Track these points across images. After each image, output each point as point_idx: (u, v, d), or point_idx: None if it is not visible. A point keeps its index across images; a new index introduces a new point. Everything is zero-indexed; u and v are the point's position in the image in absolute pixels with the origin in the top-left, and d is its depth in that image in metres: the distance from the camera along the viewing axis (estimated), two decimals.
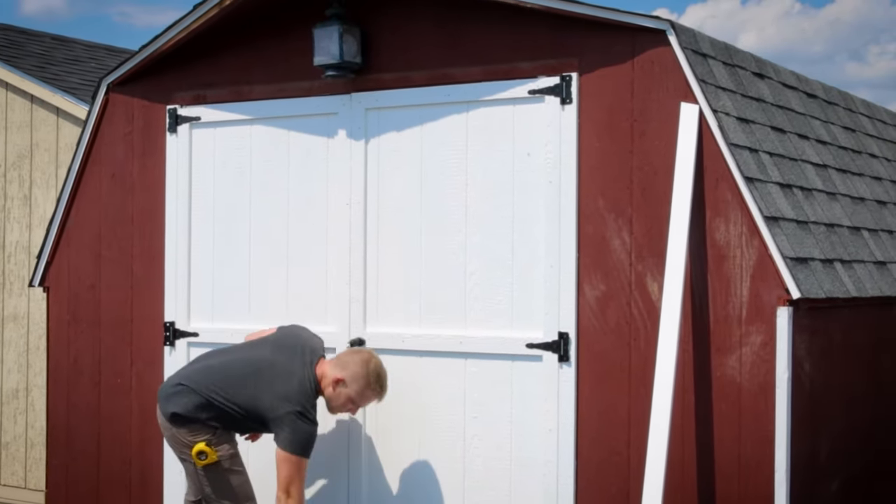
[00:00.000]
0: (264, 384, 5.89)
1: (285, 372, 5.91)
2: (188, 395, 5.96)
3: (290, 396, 5.83)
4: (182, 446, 6.00)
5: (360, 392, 5.98)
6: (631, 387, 5.78)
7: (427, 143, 6.32)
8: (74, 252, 7.44)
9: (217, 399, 5.93)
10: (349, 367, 5.97)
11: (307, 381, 5.90)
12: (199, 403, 5.94)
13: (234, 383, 5.94)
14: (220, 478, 6.01)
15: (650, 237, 5.74)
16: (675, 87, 5.68)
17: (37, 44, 10.30)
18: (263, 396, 5.87)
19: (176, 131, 7.03)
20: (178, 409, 5.94)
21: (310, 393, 5.90)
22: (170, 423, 5.98)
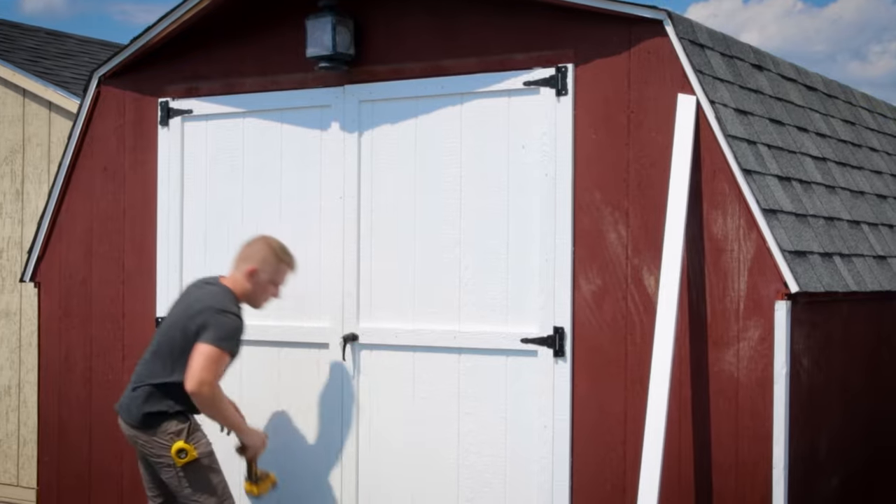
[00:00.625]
0: (186, 330, 5.79)
1: (196, 302, 5.84)
2: (143, 392, 5.84)
3: (205, 307, 5.77)
4: (160, 450, 5.84)
5: (275, 269, 6.01)
6: (627, 382, 5.70)
7: (421, 136, 6.24)
8: (66, 247, 7.36)
9: (165, 381, 5.80)
10: (253, 255, 5.97)
11: (221, 293, 5.87)
12: (156, 393, 5.81)
13: (165, 356, 5.83)
14: (200, 476, 5.88)
15: (646, 230, 5.66)
16: (672, 77, 5.60)
17: (30, 38, 10.22)
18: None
19: (168, 124, 6.95)
20: (144, 409, 5.82)
21: (228, 298, 5.86)
22: (141, 429, 5.84)
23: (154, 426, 5.83)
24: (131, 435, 5.92)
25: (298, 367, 6.56)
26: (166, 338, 5.90)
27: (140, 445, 5.92)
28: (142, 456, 6.02)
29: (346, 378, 6.40)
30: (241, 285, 5.97)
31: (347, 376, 6.39)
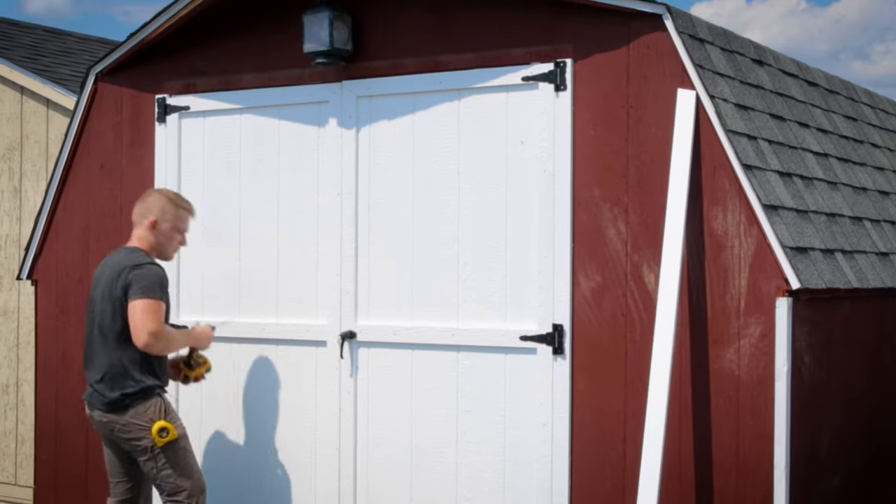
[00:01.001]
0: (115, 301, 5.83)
1: (111, 272, 5.86)
2: (112, 375, 5.85)
3: (121, 269, 5.81)
4: (138, 431, 5.82)
5: (175, 216, 6.04)
6: (627, 380, 5.64)
7: (419, 132, 6.19)
8: (63, 244, 7.31)
9: (127, 359, 5.82)
10: (151, 207, 5.98)
11: (130, 252, 5.92)
12: (124, 374, 5.82)
13: (115, 335, 5.83)
14: (179, 457, 5.90)
15: (646, 227, 5.60)
16: (672, 72, 5.55)
17: (28, 36, 10.17)
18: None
19: (165, 121, 6.90)
20: (118, 391, 5.82)
21: (138, 254, 5.91)
22: (119, 412, 5.83)
23: (131, 406, 5.83)
24: (106, 421, 5.90)
25: (296, 365, 6.51)
26: (105, 318, 5.87)
27: (117, 430, 5.89)
28: (111, 442, 6.04)
29: (343, 376, 6.35)
30: (147, 240, 6.00)
31: (345, 374, 6.34)
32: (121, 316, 5.81)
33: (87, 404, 6.02)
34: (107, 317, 5.86)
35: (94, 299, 5.99)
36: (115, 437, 5.95)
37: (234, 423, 6.71)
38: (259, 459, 6.61)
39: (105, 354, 5.88)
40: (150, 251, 5.99)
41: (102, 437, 6.11)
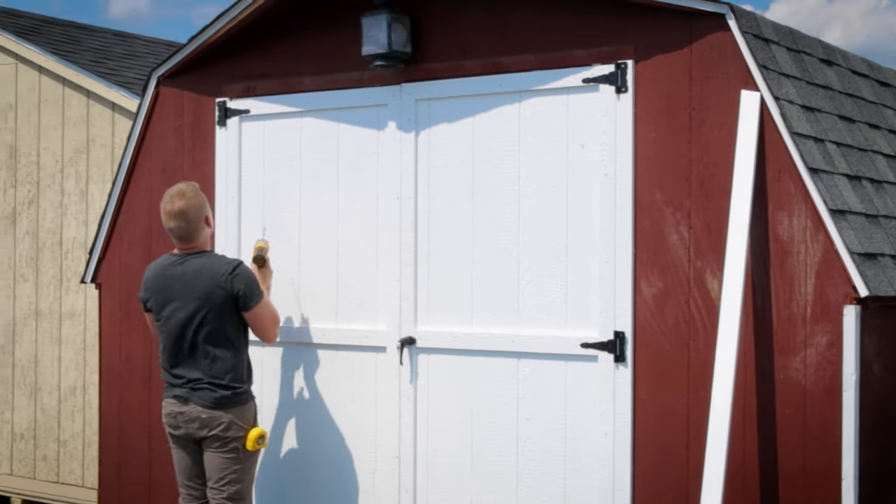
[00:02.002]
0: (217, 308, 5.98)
1: (199, 280, 5.98)
2: (215, 376, 5.93)
3: (219, 275, 5.95)
4: (237, 431, 5.97)
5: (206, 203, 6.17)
6: (689, 389, 5.51)
7: (479, 135, 6.10)
8: (126, 248, 7.33)
9: (233, 361, 5.97)
10: (199, 205, 6.06)
11: (213, 256, 6.09)
12: (227, 371, 5.95)
13: (219, 337, 5.97)
14: (253, 467, 6.12)
15: (709, 232, 5.47)
16: (735, 73, 5.40)
17: (96, 39, 10.23)
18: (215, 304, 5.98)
19: (225, 125, 6.88)
20: (226, 390, 5.94)
21: (218, 256, 6.12)
22: (225, 408, 5.93)
23: (239, 405, 5.98)
24: (206, 417, 5.94)
25: (356, 371, 6.46)
26: (208, 321, 5.94)
27: (214, 426, 5.95)
28: (189, 443, 6.08)
29: (403, 382, 6.28)
30: (208, 235, 6.18)
31: (405, 380, 6.27)
32: (229, 319, 5.97)
33: (180, 400, 6.02)
34: (210, 320, 5.94)
35: (171, 304, 6.02)
36: (202, 434, 5.98)
37: (293, 430, 6.67)
38: (319, 467, 6.57)
39: (209, 354, 5.96)
40: (211, 241, 6.24)
41: (177, 439, 6.11)
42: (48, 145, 8.79)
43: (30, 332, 8.89)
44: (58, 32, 9.84)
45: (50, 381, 8.78)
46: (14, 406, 8.98)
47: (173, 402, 6.07)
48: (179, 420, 6.05)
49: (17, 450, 8.97)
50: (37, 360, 8.85)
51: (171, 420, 6.11)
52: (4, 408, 9.03)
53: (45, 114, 8.82)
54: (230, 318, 5.99)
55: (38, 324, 8.85)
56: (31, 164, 8.88)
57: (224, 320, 5.97)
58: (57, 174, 8.75)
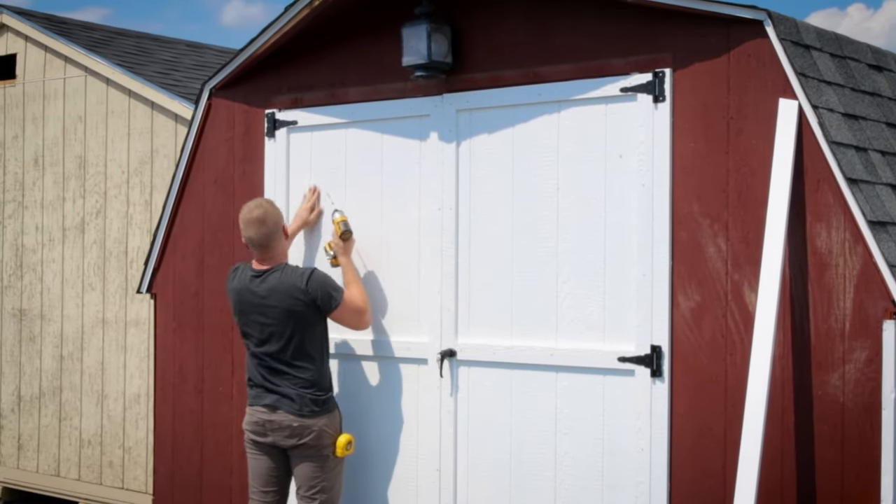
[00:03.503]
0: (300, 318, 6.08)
1: (279, 293, 6.07)
2: (305, 385, 6.01)
3: (297, 285, 6.05)
4: (327, 438, 6.07)
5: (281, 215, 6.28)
6: (727, 405, 5.37)
7: (518, 145, 6.03)
8: (179, 259, 7.39)
9: (319, 369, 6.08)
10: (276, 218, 6.16)
11: (287, 269, 6.14)
12: (318, 382, 6.05)
13: (301, 347, 6.06)
14: (341, 472, 6.21)
15: (747, 244, 5.33)
16: (774, 81, 5.26)
17: (168, 50, 10.35)
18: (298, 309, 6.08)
19: (274, 136, 6.90)
20: (317, 396, 6.02)
21: (291, 268, 6.18)
22: (316, 416, 6.01)
23: (329, 412, 6.08)
24: (296, 426, 6.01)
25: (398, 383, 6.42)
26: (296, 334, 6.04)
27: (304, 435, 6.01)
28: (270, 451, 6.13)
29: (444, 395, 6.23)
30: (285, 246, 6.29)
31: (446, 393, 6.22)
32: (312, 330, 6.08)
33: (269, 409, 6.07)
34: (294, 334, 6.04)
35: (254, 319, 6.11)
36: (292, 443, 6.04)
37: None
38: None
39: (295, 366, 6.04)
40: (286, 251, 6.34)
41: (261, 446, 6.15)
42: (115, 156, 8.91)
43: (97, 340, 9.02)
44: (130, 44, 9.98)
45: (115, 389, 8.90)
46: (82, 413, 9.11)
47: (263, 410, 6.10)
48: (268, 428, 6.09)
49: (85, 456, 9.10)
50: (103, 367, 8.97)
51: (257, 428, 6.14)
52: (73, 414, 9.17)
53: (112, 125, 8.94)
54: (313, 328, 6.09)
55: (105, 332, 8.97)
56: (98, 175, 9.01)
57: (307, 332, 6.06)
58: (123, 185, 8.86)
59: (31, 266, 9.44)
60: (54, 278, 9.28)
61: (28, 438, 9.48)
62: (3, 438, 9.66)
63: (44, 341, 9.36)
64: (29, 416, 9.47)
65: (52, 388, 9.30)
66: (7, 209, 9.60)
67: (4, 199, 9.62)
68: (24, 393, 9.51)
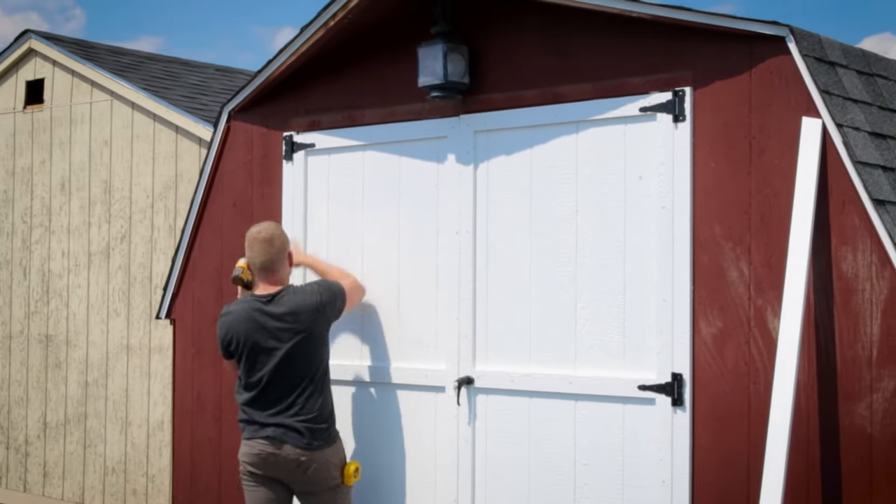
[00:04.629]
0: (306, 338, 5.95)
1: (288, 316, 5.93)
2: (310, 413, 5.87)
3: (313, 301, 5.95)
4: (333, 469, 5.94)
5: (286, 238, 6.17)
6: (750, 435, 5.17)
7: (536, 167, 5.87)
8: (198, 284, 7.28)
9: (322, 399, 5.95)
10: (283, 242, 6.04)
11: (297, 290, 6.04)
12: (323, 413, 5.92)
13: (304, 373, 5.92)
14: (350, 497, 6.08)
15: (770, 268, 5.13)
16: (797, 99, 5.07)
17: (197, 75, 10.30)
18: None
19: (292, 159, 6.78)
20: (321, 428, 5.89)
21: (299, 287, 6.09)
22: (321, 449, 5.88)
23: (333, 443, 5.95)
24: (304, 460, 5.86)
25: (415, 412, 6.27)
26: (300, 359, 5.89)
27: (311, 469, 5.87)
28: (274, 483, 5.96)
29: (461, 423, 6.06)
30: (288, 272, 6.14)
31: (463, 422, 6.05)
32: (321, 351, 5.97)
33: (273, 442, 5.89)
34: (304, 355, 5.91)
35: (262, 345, 5.93)
36: (299, 477, 5.89)
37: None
38: None
39: (301, 393, 5.89)
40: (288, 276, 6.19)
41: (260, 479, 5.97)
42: (140, 181, 8.85)
43: (121, 367, 8.94)
44: (158, 69, 9.92)
45: (139, 416, 8.80)
46: (107, 440, 9.02)
47: (265, 443, 5.91)
48: (270, 461, 5.91)
49: (109, 483, 9.00)
50: (128, 394, 8.88)
51: (257, 461, 5.95)
52: (98, 441, 9.08)
53: (137, 149, 8.88)
54: (322, 350, 5.99)
55: (129, 358, 8.89)
56: (123, 200, 8.94)
57: (316, 353, 5.95)
58: (147, 209, 8.79)
59: (58, 291, 9.38)
60: (80, 304, 9.21)
61: (53, 465, 9.40)
62: (29, 465, 9.59)
63: (69, 367, 9.29)
64: (54, 443, 9.39)
65: (78, 415, 9.22)
66: (34, 234, 9.56)
67: (32, 225, 9.58)
68: (49, 419, 9.43)
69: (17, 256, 9.69)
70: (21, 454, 9.65)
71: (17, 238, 9.70)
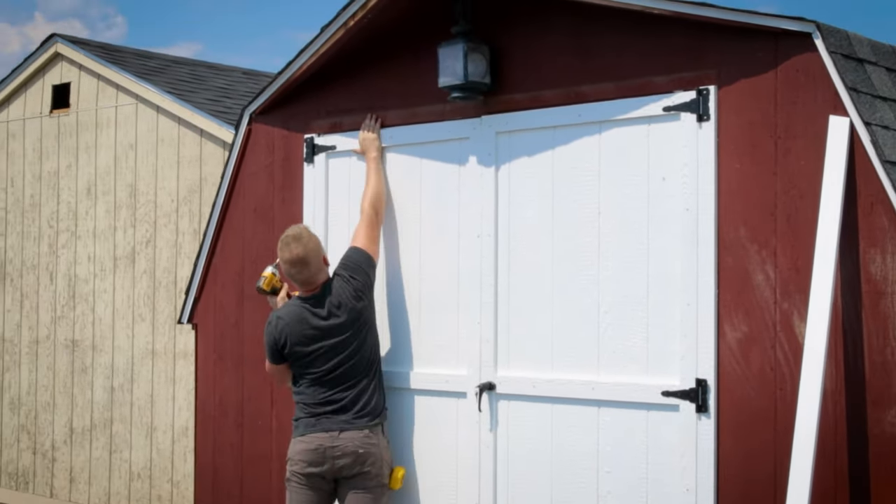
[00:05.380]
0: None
1: (346, 301, 6.00)
2: (367, 406, 5.91)
3: (352, 288, 6.00)
4: (385, 468, 5.96)
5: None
6: (777, 442, 5.03)
7: (559, 169, 5.75)
8: (220, 288, 7.21)
9: (374, 388, 5.99)
10: (317, 247, 6.04)
11: (334, 283, 6.05)
12: (378, 405, 5.98)
13: (360, 360, 5.98)
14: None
15: (797, 271, 4.99)
16: (824, 97, 4.93)
17: (224, 78, 10.25)
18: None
19: (313, 161, 6.70)
20: (378, 421, 5.95)
21: (335, 280, 6.07)
22: (375, 443, 5.89)
23: (387, 439, 6.02)
24: (362, 452, 5.87)
25: (437, 418, 6.16)
26: (358, 349, 5.96)
27: (369, 464, 5.87)
28: (326, 487, 5.95)
29: (483, 430, 5.95)
30: (326, 273, 6.10)
31: (485, 428, 5.94)
32: (373, 338, 6.05)
33: (332, 435, 5.89)
34: (361, 344, 5.99)
35: (319, 343, 5.97)
36: (352, 472, 5.88)
37: None
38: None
39: (358, 386, 5.94)
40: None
41: (311, 478, 5.93)
42: (164, 184, 8.79)
43: (146, 372, 8.88)
44: (184, 72, 9.88)
45: (164, 421, 8.74)
46: (132, 445, 8.97)
47: (324, 436, 5.91)
48: (327, 455, 5.89)
49: (135, 489, 8.95)
50: (153, 399, 8.83)
51: (313, 456, 5.92)
52: (123, 447, 9.03)
53: (162, 153, 8.83)
54: (373, 335, 6.05)
55: (154, 363, 8.83)
56: (148, 204, 8.89)
57: (368, 340, 6.01)
58: (172, 213, 8.73)
59: (84, 296, 9.34)
60: (105, 308, 9.17)
61: (80, 471, 9.36)
62: (56, 471, 9.56)
63: (95, 372, 9.25)
64: (80, 449, 9.35)
65: (104, 420, 9.17)
66: (61, 239, 9.53)
67: (58, 229, 9.55)
68: (76, 425, 9.40)
69: (44, 261, 9.66)
70: (48, 459, 9.62)
71: (43, 242, 9.67)
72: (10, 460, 9.96)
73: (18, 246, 9.88)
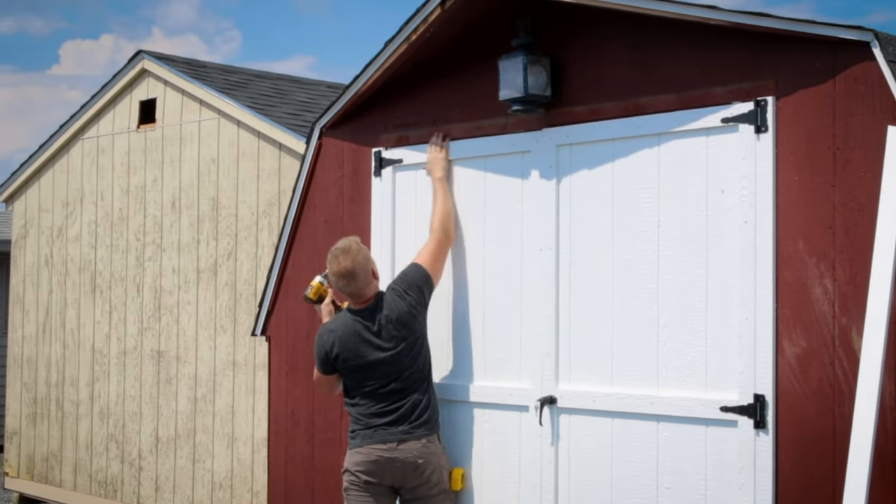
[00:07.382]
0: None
1: (389, 324, 6.02)
2: (423, 418, 5.97)
3: (404, 303, 6.03)
4: (444, 472, 6.07)
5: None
6: (835, 460, 4.93)
7: (618, 181, 5.71)
8: (292, 301, 7.28)
9: (428, 397, 6.03)
10: (366, 260, 6.09)
11: (386, 296, 6.08)
12: (433, 409, 6.04)
13: (416, 371, 6.03)
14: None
15: (855, 285, 4.89)
16: (882, 107, 4.83)
17: (308, 92, 10.36)
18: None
19: (380, 175, 6.74)
20: (434, 427, 6.01)
21: (387, 293, 6.12)
22: (432, 451, 5.97)
23: (442, 444, 6.11)
24: (422, 463, 5.94)
25: (499, 431, 6.15)
26: (411, 360, 6.00)
27: (429, 473, 5.96)
28: (387, 496, 6.01)
29: (544, 444, 5.92)
30: (376, 286, 6.15)
31: (546, 442, 5.91)
32: (426, 349, 6.10)
33: (390, 447, 5.94)
34: (414, 356, 6.03)
35: (372, 355, 6.01)
36: (412, 483, 5.95)
37: None
38: None
39: (411, 397, 5.99)
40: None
41: (372, 487, 5.99)
42: (245, 198, 8.92)
43: (228, 383, 9.01)
44: (266, 86, 10.01)
45: (245, 432, 8.86)
46: (214, 455, 9.10)
47: (383, 447, 5.96)
48: (387, 467, 5.94)
49: (217, 499, 9.07)
50: (233, 410, 8.95)
51: (372, 467, 5.97)
52: (206, 456, 9.16)
53: (243, 167, 8.95)
54: (425, 348, 6.09)
55: (235, 374, 8.95)
56: (230, 217, 9.02)
57: (421, 354, 6.04)
58: (252, 226, 8.85)
59: (168, 308, 9.51)
60: (189, 320, 9.32)
61: (164, 480, 9.52)
62: (143, 479, 9.73)
63: (179, 383, 9.41)
64: (165, 458, 9.52)
65: (187, 430, 9.32)
66: (147, 251, 9.71)
67: (145, 242, 9.74)
68: (161, 434, 9.56)
69: (132, 273, 9.86)
70: (135, 468, 9.80)
71: (131, 255, 9.87)
72: (100, 469, 10.17)
73: (108, 258, 10.10)
